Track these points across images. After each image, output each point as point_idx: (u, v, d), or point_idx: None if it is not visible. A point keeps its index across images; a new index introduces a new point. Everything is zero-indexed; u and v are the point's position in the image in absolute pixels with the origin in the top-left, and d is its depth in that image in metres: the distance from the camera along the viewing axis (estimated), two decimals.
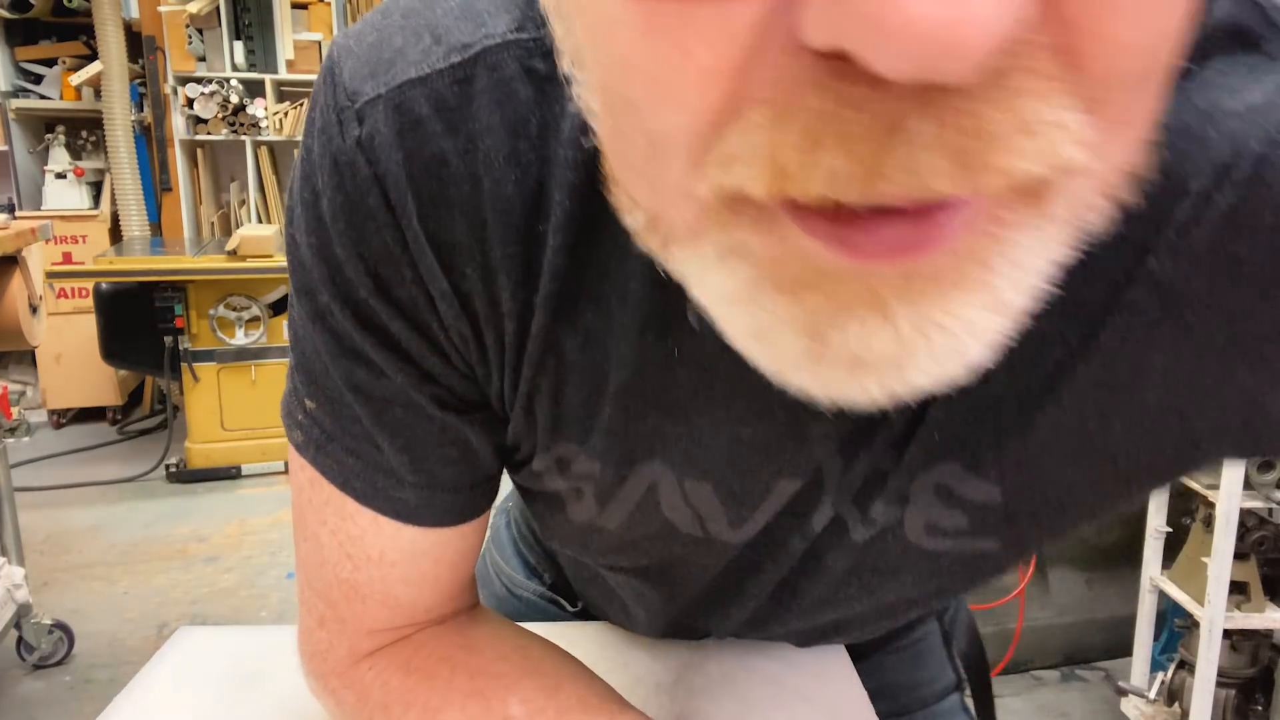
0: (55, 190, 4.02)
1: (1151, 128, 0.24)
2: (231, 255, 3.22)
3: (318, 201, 0.38)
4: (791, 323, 0.24)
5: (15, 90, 4.05)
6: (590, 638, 0.69)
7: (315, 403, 0.44)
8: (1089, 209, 0.23)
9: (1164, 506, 1.86)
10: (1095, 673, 2.31)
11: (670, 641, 0.68)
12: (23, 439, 2.29)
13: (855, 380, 0.24)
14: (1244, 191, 0.31)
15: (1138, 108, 0.22)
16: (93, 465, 3.69)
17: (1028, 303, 0.24)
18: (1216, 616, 1.68)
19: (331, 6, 4.01)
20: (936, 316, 0.22)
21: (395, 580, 0.47)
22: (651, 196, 0.26)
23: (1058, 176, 0.21)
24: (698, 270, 0.26)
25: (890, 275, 0.22)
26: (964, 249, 0.22)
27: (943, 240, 0.21)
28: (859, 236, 0.21)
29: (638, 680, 0.63)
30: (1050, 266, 0.24)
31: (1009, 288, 0.23)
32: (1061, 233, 0.23)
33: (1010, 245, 0.22)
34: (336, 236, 0.38)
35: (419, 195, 0.36)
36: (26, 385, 4.06)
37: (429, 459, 0.43)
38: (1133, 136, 0.23)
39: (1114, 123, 0.21)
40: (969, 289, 0.22)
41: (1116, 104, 0.21)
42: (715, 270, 0.25)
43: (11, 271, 2.27)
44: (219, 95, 3.95)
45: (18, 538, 2.33)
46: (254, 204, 4.16)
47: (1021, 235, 0.22)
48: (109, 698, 0.61)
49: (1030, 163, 0.20)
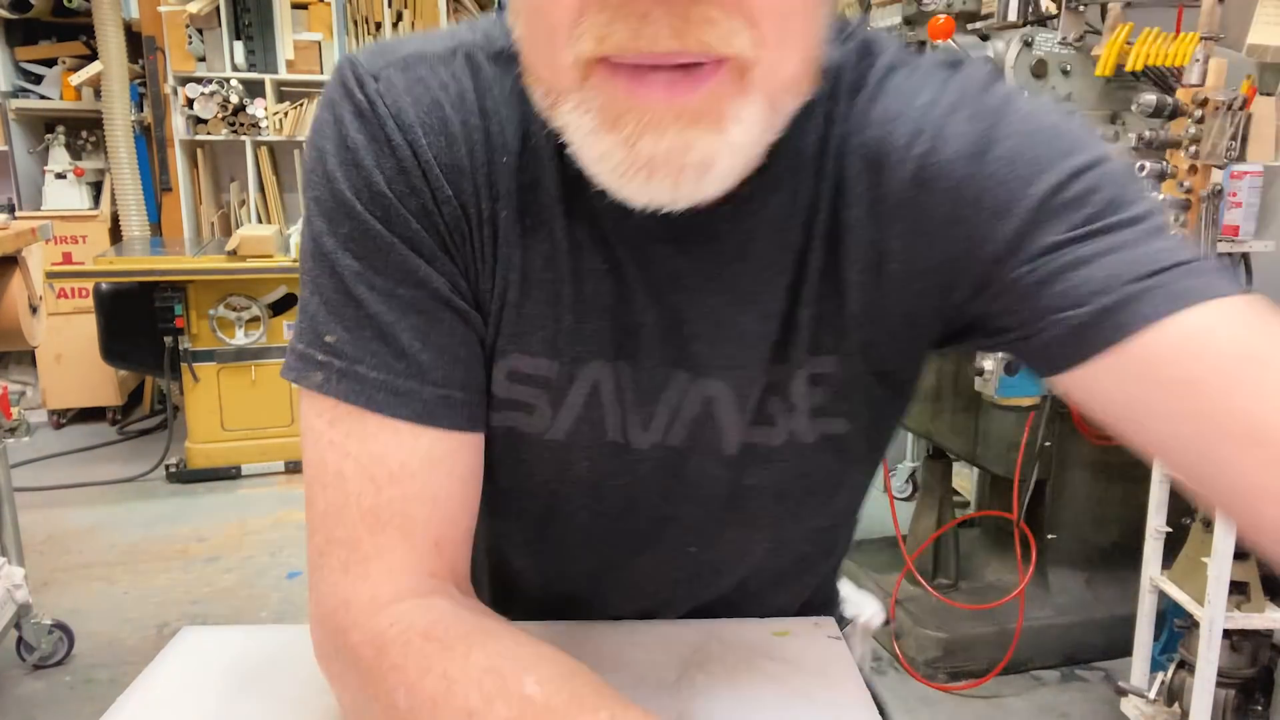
0: (55, 190, 4.02)
1: (803, 58, 0.45)
2: (231, 255, 3.23)
3: (344, 138, 0.52)
4: (615, 144, 0.44)
5: (15, 90, 4.05)
6: (590, 637, 0.69)
7: (335, 335, 0.52)
8: (775, 103, 0.45)
9: (1164, 506, 1.86)
10: (1095, 673, 2.31)
11: (670, 641, 0.68)
12: (23, 439, 2.29)
13: (655, 181, 0.44)
14: (922, 160, 0.51)
15: (786, 38, 0.43)
16: (93, 465, 3.69)
17: (753, 145, 0.46)
18: (1216, 616, 1.68)
19: (331, 6, 4.01)
20: (697, 137, 0.43)
21: (413, 498, 0.52)
22: (545, 70, 0.46)
23: (748, 62, 0.42)
24: (570, 119, 0.45)
25: (667, 109, 0.42)
26: (709, 98, 0.42)
27: (695, 90, 0.42)
28: (648, 84, 0.42)
29: (639, 680, 0.63)
30: (763, 128, 0.45)
31: (739, 131, 0.44)
32: (765, 107, 0.44)
33: (735, 104, 0.43)
34: (365, 157, 0.52)
35: (424, 126, 0.52)
36: (26, 385, 4.05)
37: (444, 354, 0.53)
38: (789, 57, 0.44)
39: (772, 41, 0.42)
40: (714, 123, 0.43)
41: (769, 31, 0.42)
42: (576, 117, 0.45)
43: (11, 271, 2.27)
44: (219, 95, 3.95)
45: (18, 538, 2.33)
46: (254, 204, 4.16)
47: (741, 100, 0.43)
48: (109, 698, 0.61)
49: (724, 41, 0.41)
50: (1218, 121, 1.84)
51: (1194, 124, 1.86)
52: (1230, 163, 1.91)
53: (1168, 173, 1.89)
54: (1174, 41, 1.97)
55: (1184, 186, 1.88)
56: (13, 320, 2.28)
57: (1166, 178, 1.90)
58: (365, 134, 0.51)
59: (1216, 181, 1.88)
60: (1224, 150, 1.84)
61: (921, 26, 2.08)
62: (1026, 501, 2.17)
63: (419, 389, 0.53)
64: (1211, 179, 1.88)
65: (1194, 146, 1.86)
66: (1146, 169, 1.90)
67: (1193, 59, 1.89)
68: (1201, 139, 1.85)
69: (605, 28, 0.41)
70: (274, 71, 3.99)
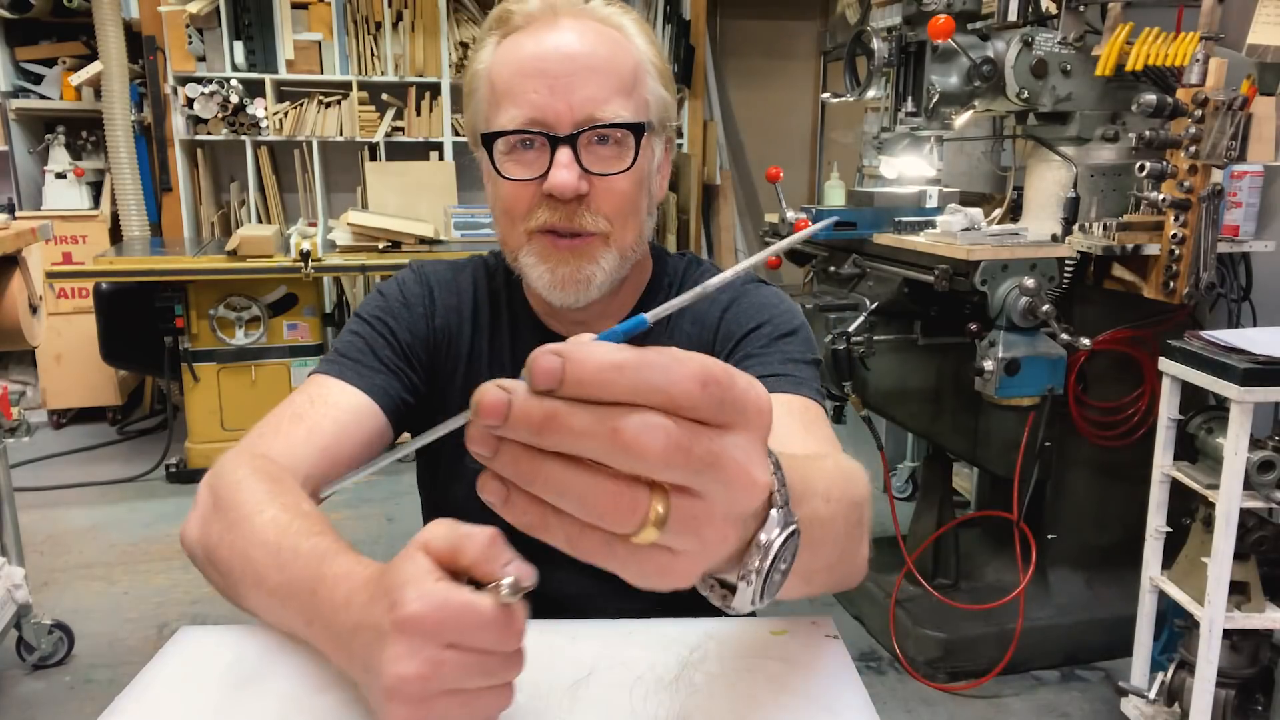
0: (55, 190, 4.02)
1: (636, 235, 0.93)
2: (231, 255, 3.23)
3: (393, 284, 1.03)
4: (546, 271, 0.90)
5: (15, 90, 4.05)
6: (590, 634, 0.69)
7: (341, 354, 0.95)
8: (623, 253, 0.91)
9: (1164, 506, 1.86)
10: (1095, 673, 2.31)
11: (671, 641, 0.68)
12: (23, 439, 2.29)
13: (569, 291, 0.90)
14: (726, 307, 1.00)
15: (624, 221, 0.90)
16: (93, 465, 3.69)
17: (616, 274, 0.92)
18: (1216, 616, 1.68)
19: (331, 6, 4.01)
20: (584, 266, 0.89)
21: (328, 419, 0.88)
22: (510, 238, 0.92)
23: (606, 234, 0.89)
24: (524, 260, 0.91)
25: (569, 252, 0.89)
26: (589, 249, 0.89)
27: (583, 245, 0.89)
28: (560, 240, 0.89)
29: (638, 679, 0.63)
30: (618, 267, 0.92)
31: (605, 266, 0.90)
32: (617, 256, 0.91)
33: (601, 252, 0.90)
34: (398, 291, 1.02)
35: (439, 284, 1.03)
36: (26, 385, 4.05)
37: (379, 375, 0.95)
38: (628, 235, 0.91)
39: (617, 225, 0.90)
40: (591, 261, 0.90)
41: (615, 219, 0.89)
42: (528, 258, 0.91)
43: (11, 271, 2.27)
44: (219, 95, 3.95)
45: (18, 538, 2.33)
46: (254, 204, 4.16)
47: (603, 250, 0.90)
48: (109, 698, 0.62)
49: (593, 223, 0.89)
50: (1218, 121, 1.84)
51: (1194, 124, 1.86)
52: (1230, 163, 1.91)
53: (1168, 173, 1.89)
54: (1174, 41, 1.97)
55: (1184, 186, 1.88)
56: (13, 320, 2.28)
57: (1166, 178, 1.90)
58: (403, 285, 1.02)
59: (1216, 181, 1.87)
60: (1224, 150, 1.84)
61: (921, 26, 2.08)
62: (1026, 501, 2.17)
63: (363, 371, 0.93)
64: (1211, 179, 1.87)
65: (1194, 146, 1.86)
66: (1146, 169, 1.90)
67: (1193, 59, 1.89)
68: (1201, 139, 1.85)
69: (542, 215, 0.87)
70: (274, 71, 3.99)
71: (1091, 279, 2.09)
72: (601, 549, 0.38)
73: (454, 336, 1.01)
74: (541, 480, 0.36)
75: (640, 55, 0.90)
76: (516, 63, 0.87)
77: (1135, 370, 2.21)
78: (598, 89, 0.86)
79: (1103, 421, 2.22)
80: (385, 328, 0.98)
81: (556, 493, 0.36)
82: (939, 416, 2.43)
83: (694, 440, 0.36)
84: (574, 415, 0.35)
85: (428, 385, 0.99)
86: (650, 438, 0.35)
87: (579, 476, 0.36)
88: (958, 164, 2.77)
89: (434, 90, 4.18)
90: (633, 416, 0.35)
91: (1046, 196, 2.24)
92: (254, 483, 0.77)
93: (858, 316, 2.17)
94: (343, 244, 3.41)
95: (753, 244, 4.83)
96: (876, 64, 2.16)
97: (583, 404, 0.35)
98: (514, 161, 0.88)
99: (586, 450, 0.35)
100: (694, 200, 4.49)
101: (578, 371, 0.35)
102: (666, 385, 0.35)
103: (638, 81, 0.89)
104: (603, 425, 0.35)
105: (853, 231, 2.31)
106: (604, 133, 0.86)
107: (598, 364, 0.35)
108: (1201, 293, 1.92)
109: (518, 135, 0.87)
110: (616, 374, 0.35)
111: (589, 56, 0.86)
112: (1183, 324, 2.15)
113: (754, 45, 4.91)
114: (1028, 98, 2.13)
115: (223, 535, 0.74)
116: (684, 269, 1.05)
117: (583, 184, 0.86)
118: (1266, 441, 1.70)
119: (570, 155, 0.85)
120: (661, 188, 0.98)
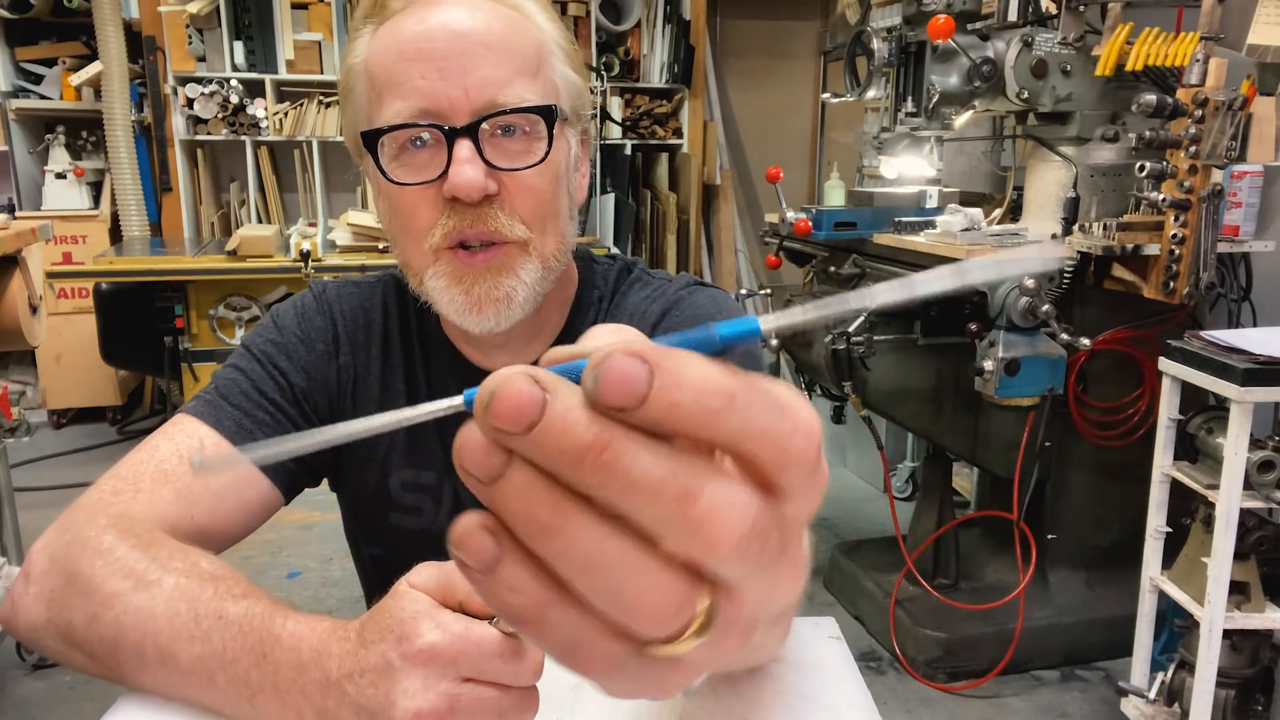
0: (55, 190, 4.02)
1: (558, 241, 0.78)
2: (231, 255, 3.22)
3: (290, 311, 0.88)
4: (459, 293, 0.75)
5: (15, 90, 4.05)
6: None
7: (221, 395, 0.81)
8: (546, 263, 0.77)
9: (1164, 506, 1.86)
10: (1095, 673, 2.31)
11: None
12: (23, 439, 2.29)
13: (487, 314, 0.75)
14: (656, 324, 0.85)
15: (542, 225, 0.76)
16: (93, 465, 3.69)
17: (536, 287, 0.77)
18: (1216, 616, 1.68)
19: (331, 6, 4.01)
20: (502, 281, 0.75)
21: (200, 482, 0.74)
22: (413, 259, 0.77)
23: (525, 241, 0.75)
24: (431, 284, 0.76)
25: (484, 267, 0.75)
26: (507, 260, 0.75)
27: (499, 256, 0.75)
28: (472, 255, 0.75)
29: None
30: (541, 280, 0.77)
31: (526, 279, 0.76)
32: (540, 267, 0.77)
33: (521, 263, 0.76)
34: (295, 324, 0.87)
35: (345, 314, 0.89)
36: (26, 385, 4.05)
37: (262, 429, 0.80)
38: (549, 242, 0.77)
39: (536, 230, 0.76)
40: (511, 275, 0.75)
41: (533, 223, 0.75)
42: (435, 281, 0.76)
43: (11, 271, 2.27)
44: (219, 95, 3.95)
45: (18, 538, 2.33)
46: (254, 204, 4.16)
47: (523, 261, 0.76)
48: (109, 698, 0.61)
49: (509, 228, 0.74)
50: (1218, 121, 1.84)
51: (1194, 124, 1.86)
52: (1230, 163, 1.91)
53: (1168, 173, 1.89)
54: (1174, 41, 1.97)
55: (1184, 186, 1.88)
56: (13, 320, 2.28)
57: (1166, 178, 1.90)
58: (301, 313, 0.89)
59: (1216, 181, 1.87)
60: (1224, 150, 1.84)
61: (921, 26, 2.08)
62: (1026, 501, 2.17)
63: (244, 423, 0.79)
64: (1211, 179, 1.87)
65: (1194, 146, 1.86)
66: (1146, 169, 1.90)
67: (1193, 59, 1.89)
68: (1201, 139, 1.85)
69: (448, 223, 0.74)
70: (274, 71, 3.99)
71: (1091, 279, 2.09)
72: (613, 663, 0.25)
73: (360, 375, 0.86)
74: (563, 540, 0.23)
75: (543, 34, 0.77)
76: (397, 47, 0.73)
77: (1135, 370, 2.21)
78: (496, 69, 0.72)
79: (1103, 421, 2.22)
80: (276, 370, 0.83)
81: (582, 566, 0.24)
82: (939, 416, 2.43)
83: (774, 526, 0.24)
84: (641, 454, 0.23)
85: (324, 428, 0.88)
86: (730, 517, 0.23)
87: (623, 548, 0.23)
88: (958, 164, 2.77)
89: None
90: (717, 481, 0.23)
91: (1046, 196, 2.24)
92: (128, 550, 0.64)
93: (858, 316, 2.17)
94: (343, 244, 3.41)
95: (753, 244, 4.83)
96: (876, 64, 2.16)
97: (649, 437, 0.23)
98: (404, 166, 0.74)
99: (638, 509, 0.23)
100: (694, 200, 4.49)
101: (672, 389, 0.23)
102: (787, 436, 0.24)
103: (542, 62, 0.76)
104: (676, 480, 0.23)
105: (853, 231, 2.31)
106: (508, 121, 0.73)
107: (704, 385, 0.23)
108: (1201, 293, 1.92)
109: (405, 131, 0.72)
110: (727, 405, 0.23)
111: (483, 33, 0.73)
112: (1183, 324, 2.15)
113: (754, 45, 4.91)
114: (1028, 98, 2.13)
115: (96, 613, 0.62)
116: (615, 278, 0.91)
117: (490, 182, 0.72)
118: (1266, 441, 1.70)
119: (471, 148, 0.71)
120: (581, 188, 0.84)
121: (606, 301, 0.89)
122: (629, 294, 0.89)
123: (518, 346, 0.84)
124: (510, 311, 0.76)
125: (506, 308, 0.75)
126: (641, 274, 0.92)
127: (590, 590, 0.24)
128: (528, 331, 0.83)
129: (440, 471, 0.86)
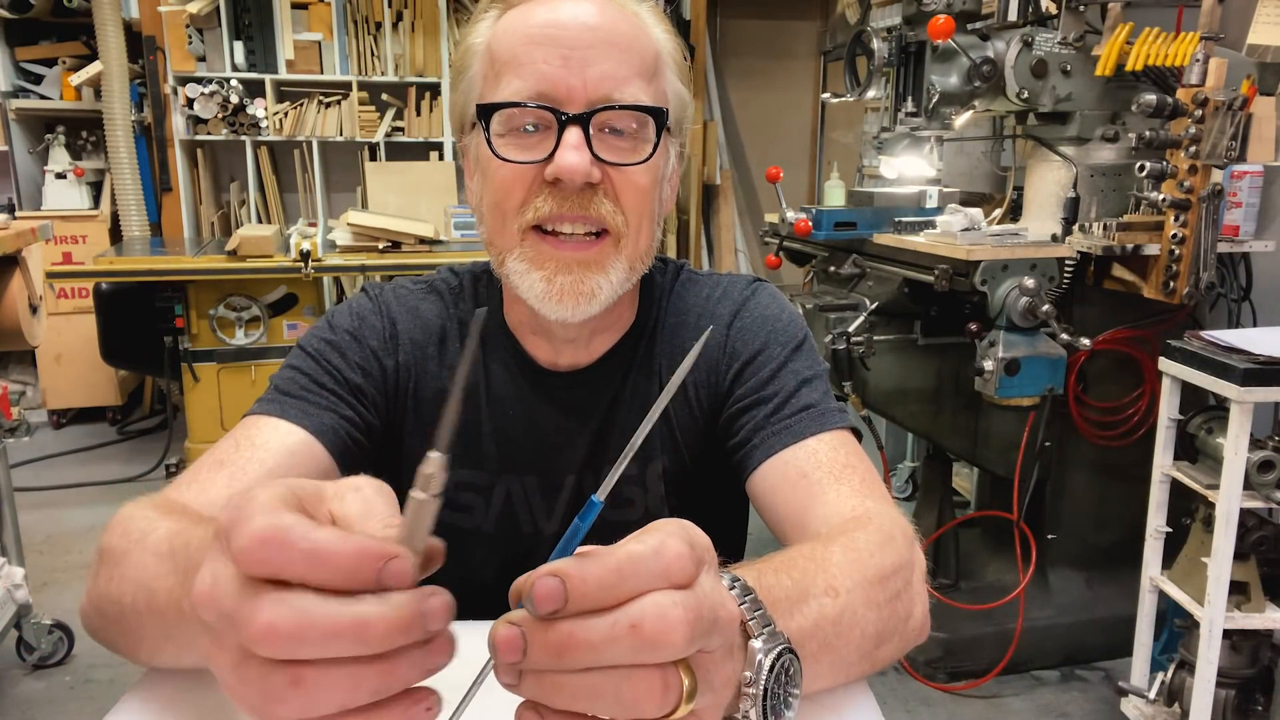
0: (55, 190, 4.02)
1: (649, 240, 0.80)
2: (231, 255, 3.22)
3: (344, 311, 0.89)
4: (540, 279, 0.77)
5: (15, 90, 4.05)
6: None
7: (280, 391, 0.82)
8: (633, 264, 0.79)
9: (1164, 506, 1.86)
10: (1095, 673, 2.31)
11: None
12: (23, 439, 2.29)
13: (566, 305, 0.77)
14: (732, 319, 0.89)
15: (639, 223, 0.78)
16: (93, 465, 3.69)
17: (622, 287, 0.79)
18: (1216, 616, 1.68)
19: (331, 6, 4.01)
20: (589, 276, 0.77)
21: (255, 462, 0.75)
22: (499, 237, 0.78)
23: (621, 234, 0.77)
24: (513, 265, 0.78)
25: (574, 259, 0.76)
26: (599, 257, 0.77)
27: (590, 250, 0.77)
28: (561, 243, 0.76)
29: None
30: (625, 281, 0.79)
31: (613, 278, 0.78)
32: (626, 268, 0.78)
33: (612, 262, 0.77)
34: (348, 323, 0.88)
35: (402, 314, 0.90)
36: (26, 385, 4.05)
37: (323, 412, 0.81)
38: (642, 241, 0.79)
39: (633, 225, 0.77)
40: (600, 272, 0.77)
41: (632, 218, 0.77)
42: (518, 264, 0.77)
43: (11, 271, 2.27)
44: (219, 95, 3.95)
45: (18, 538, 2.33)
46: (254, 204, 4.16)
47: (614, 260, 0.77)
48: (109, 698, 0.61)
49: (611, 217, 0.76)
50: (1218, 121, 1.84)
51: (1194, 124, 1.86)
52: (1230, 163, 1.91)
53: (1168, 173, 1.89)
54: (1174, 41, 1.97)
55: (1184, 186, 1.88)
56: (13, 320, 2.28)
57: (1166, 178, 1.90)
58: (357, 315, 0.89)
59: (1216, 181, 1.87)
60: (1224, 150, 1.84)
61: (921, 26, 2.08)
62: (1026, 501, 2.17)
63: (305, 408, 0.80)
64: (1211, 179, 1.87)
65: (1194, 146, 1.86)
66: (1146, 169, 1.90)
67: (1193, 59, 1.89)
68: (1201, 139, 1.85)
69: (543, 205, 0.75)
70: (274, 71, 3.99)
71: (1091, 279, 2.09)
72: None
73: (419, 374, 0.88)
74: (570, 693, 0.36)
75: (661, 45, 0.80)
76: (525, 30, 0.75)
77: (1135, 370, 2.21)
78: (617, 66, 0.74)
79: (1103, 421, 2.22)
80: (329, 365, 0.84)
81: (590, 700, 0.36)
82: (939, 416, 2.43)
83: (699, 603, 0.37)
84: (590, 629, 0.35)
85: (385, 427, 0.86)
86: (672, 620, 0.35)
87: (608, 677, 0.36)
88: (958, 164, 2.77)
89: (434, 90, 4.17)
90: (645, 607, 0.35)
91: (1046, 196, 2.24)
92: (143, 513, 0.63)
93: (858, 316, 2.17)
94: (343, 244, 3.41)
95: (753, 244, 4.83)
96: (876, 64, 2.16)
97: (590, 612, 0.36)
98: (510, 144, 0.75)
99: (612, 657, 0.35)
100: (694, 200, 4.49)
101: (581, 588, 0.35)
102: (665, 569, 0.36)
103: (659, 69, 0.79)
104: (620, 628, 0.35)
105: (853, 231, 2.31)
106: (619, 121, 0.75)
107: (599, 577, 0.35)
108: (1201, 293, 1.92)
109: (519, 113, 0.74)
110: (618, 579, 0.36)
111: (610, 31, 0.75)
112: (1183, 324, 2.15)
113: (754, 45, 4.91)
114: (1028, 98, 2.13)
115: (111, 574, 0.61)
116: (669, 276, 0.94)
117: (595, 170, 0.73)
118: (1266, 441, 1.70)
119: (580, 136, 0.73)
120: (669, 201, 0.85)
121: (665, 299, 0.92)
122: (684, 293, 0.92)
123: (588, 338, 0.86)
124: (589, 307, 0.77)
125: (588, 302, 0.77)
126: (689, 272, 0.96)
127: (605, 708, 0.36)
128: (598, 325, 0.85)
129: (492, 473, 0.88)
